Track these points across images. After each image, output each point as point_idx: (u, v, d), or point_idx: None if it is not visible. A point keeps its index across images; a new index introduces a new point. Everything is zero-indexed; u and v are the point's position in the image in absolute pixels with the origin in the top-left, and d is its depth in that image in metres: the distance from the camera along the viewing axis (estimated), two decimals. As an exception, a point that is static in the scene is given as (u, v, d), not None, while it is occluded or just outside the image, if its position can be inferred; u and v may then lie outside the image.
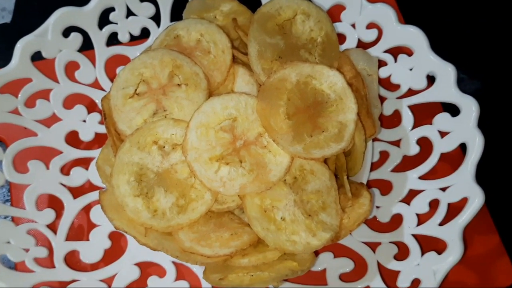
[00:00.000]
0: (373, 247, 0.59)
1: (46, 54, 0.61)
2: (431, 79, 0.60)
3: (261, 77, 0.55)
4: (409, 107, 0.62)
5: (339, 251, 0.59)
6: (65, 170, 0.63)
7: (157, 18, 0.66)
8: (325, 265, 0.59)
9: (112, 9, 0.64)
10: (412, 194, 0.59)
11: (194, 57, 0.57)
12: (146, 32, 0.67)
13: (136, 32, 0.66)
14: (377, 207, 0.61)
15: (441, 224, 0.56)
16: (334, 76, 0.54)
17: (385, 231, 0.59)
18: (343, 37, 0.65)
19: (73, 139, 0.64)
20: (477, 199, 0.53)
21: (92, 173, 0.62)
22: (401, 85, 0.63)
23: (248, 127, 0.52)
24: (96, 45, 0.65)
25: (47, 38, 0.60)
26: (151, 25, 0.66)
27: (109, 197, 0.54)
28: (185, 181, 0.53)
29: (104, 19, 0.64)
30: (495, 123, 0.69)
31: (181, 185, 0.53)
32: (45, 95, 0.62)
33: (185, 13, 0.63)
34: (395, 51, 0.63)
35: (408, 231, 0.58)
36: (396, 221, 0.59)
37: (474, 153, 0.55)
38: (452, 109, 0.59)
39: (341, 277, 0.58)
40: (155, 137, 0.53)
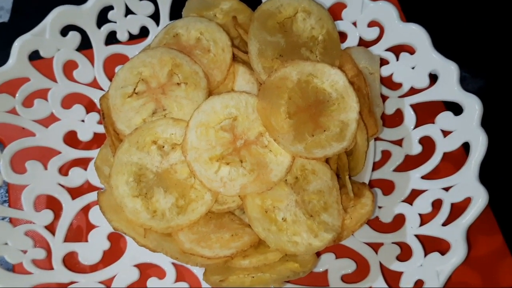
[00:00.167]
0: (376, 247, 0.59)
1: (44, 53, 0.61)
2: (433, 78, 0.60)
3: (261, 75, 0.55)
4: (411, 106, 0.62)
5: (341, 251, 0.59)
6: (63, 170, 0.63)
7: (156, 16, 0.66)
8: (327, 266, 0.59)
9: (110, 8, 0.64)
10: (414, 194, 0.59)
11: (193, 56, 0.56)
12: (145, 31, 0.67)
13: (135, 30, 0.66)
14: (379, 207, 0.61)
15: (444, 224, 0.55)
16: (335, 74, 0.53)
17: (388, 232, 0.59)
18: (344, 36, 0.65)
19: (71, 139, 0.64)
20: (480, 199, 0.53)
21: (90, 174, 0.62)
22: (403, 84, 0.63)
23: (248, 127, 0.52)
24: (94, 44, 0.65)
25: (45, 37, 0.60)
26: (150, 24, 0.66)
27: (108, 197, 0.54)
28: (185, 182, 0.52)
29: (102, 18, 0.64)
30: (498, 122, 0.69)
31: (180, 186, 0.52)
32: (43, 94, 0.62)
33: (184, 12, 0.63)
34: (397, 50, 0.63)
35: (410, 232, 0.57)
36: (398, 222, 0.59)
37: (477, 152, 0.55)
38: (454, 108, 0.58)
39: (343, 278, 0.58)
40: (154, 137, 0.53)
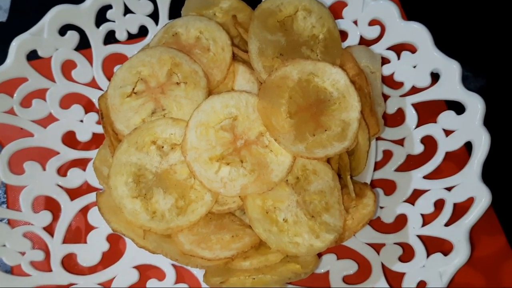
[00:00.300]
0: (377, 248, 0.59)
1: (42, 52, 0.61)
2: (435, 77, 0.60)
3: (262, 75, 0.54)
4: (413, 105, 0.62)
5: (343, 252, 0.59)
6: (62, 171, 0.62)
7: (155, 15, 0.66)
8: (328, 267, 0.58)
9: (109, 7, 0.64)
10: (416, 194, 0.59)
11: (193, 55, 0.56)
12: (144, 30, 0.66)
13: (134, 30, 0.66)
14: (381, 208, 0.61)
15: (447, 224, 0.55)
16: (336, 73, 0.53)
17: (389, 232, 0.59)
18: (345, 34, 0.64)
19: (70, 139, 0.63)
20: (483, 199, 0.53)
21: (89, 174, 0.62)
22: (405, 83, 0.62)
23: (249, 126, 0.51)
24: (93, 44, 0.64)
25: (43, 36, 0.60)
26: (149, 23, 0.66)
27: (107, 198, 0.54)
28: (185, 182, 0.52)
29: (101, 17, 0.64)
30: (500, 121, 0.68)
31: (180, 186, 0.52)
32: (41, 94, 0.62)
33: (183, 10, 0.62)
34: (398, 48, 0.63)
35: (413, 232, 0.57)
36: (400, 222, 0.59)
37: (480, 152, 0.55)
38: (456, 107, 0.58)
39: (344, 279, 0.58)
40: (153, 137, 0.53)
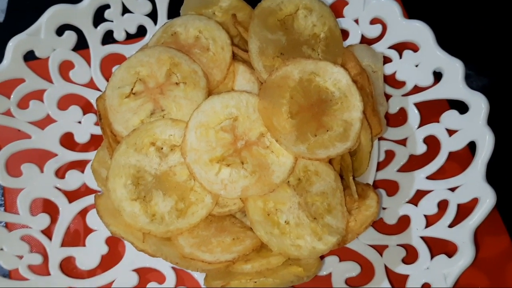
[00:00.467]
0: (380, 250, 0.58)
1: (39, 53, 0.60)
2: (437, 76, 0.59)
3: (262, 74, 0.54)
4: (415, 105, 0.61)
5: (345, 254, 0.58)
6: (60, 173, 0.62)
7: (153, 15, 0.66)
8: (331, 269, 0.58)
9: (107, 6, 0.63)
10: (419, 194, 0.58)
11: (192, 55, 0.56)
12: (142, 29, 0.66)
13: (132, 30, 0.66)
14: (384, 209, 0.60)
15: (451, 225, 0.54)
16: (338, 73, 0.53)
17: (392, 234, 0.58)
18: (346, 33, 0.64)
19: (68, 141, 0.63)
20: (488, 199, 0.52)
21: (88, 176, 0.61)
22: (407, 82, 0.62)
23: (249, 127, 0.51)
24: (91, 44, 0.64)
25: (40, 36, 0.60)
26: (148, 23, 0.66)
27: (105, 201, 0.54)
28: (185, 184, 0.51)
29: (99, 17, 0.63)
30: (502, 120, 0.68)
31: (180, 188, 0.51)
32: (39, 95, 0.62)
33: (182, 10, 0.62)
34: (400, 47, 0.62)
35: (416, 233, 0.56)
36: (403, 223, 0.58)
37: (484, 152, 0.54)
38: (459, 106, 0.58)
39: (347, 281, 0.57)
40: (152, 138, 0.52)
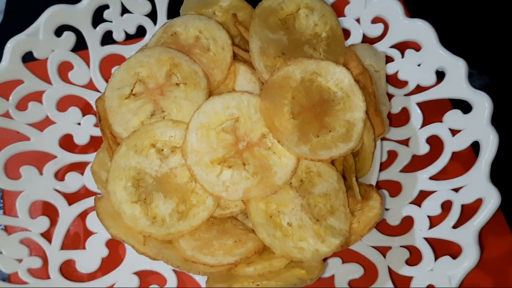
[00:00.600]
0: (383, 251, 0.58)
1: (38, 54, 0.60)
2: (440, 75, 0.59)
3: (263, 74, 0.54)
4: (418, 105, 0.61)
5: (348, 256, 0.58)
6: (59, 175, 0.62)
7: (153, 15, 0.66)
8: (334, 271, 0.57)
9: (106, 7, 0.63)
10: (423, 195, 0.58)
11: (192, 55, 0.56)
12: (142, 30, 0.66)
13: (131, 30, 0.66)
14: (386, 209, 0.60)
15: (455, 226, 0.54)
16: (340, 72, 0.52)
17: (396, 235, 0.58)
18: (347, 33, 0.64)
19: (67, 143, 0.63)
20: (492, 200, 0.52)
21: (87, 178, 0.61)
22: (409, 82, 0.62)
23: (251, 128, 0.51)
24: (90, 45, 0.64)
25: (38, 37, 0.60)
26: (147, 23, 0.66)
27: (105, 204, 0.53)
28: (186, 186, 0.51)
29: (98, 17, 0.63)
30: (506, 119, 0.67)
31: (181, 190, 0.51)
32: (38, 97, 0.62)
33: (182, 9, 0.62)
34: (402, 46, 0.62)
35: (419, 235, 0.56)
36: (406, 224, 0.58)
37: (488, 152, 0.54)
38: (462, 106, 0.57)
39: (350, 283, 0.57)
40: (153, 140, 0.52)
